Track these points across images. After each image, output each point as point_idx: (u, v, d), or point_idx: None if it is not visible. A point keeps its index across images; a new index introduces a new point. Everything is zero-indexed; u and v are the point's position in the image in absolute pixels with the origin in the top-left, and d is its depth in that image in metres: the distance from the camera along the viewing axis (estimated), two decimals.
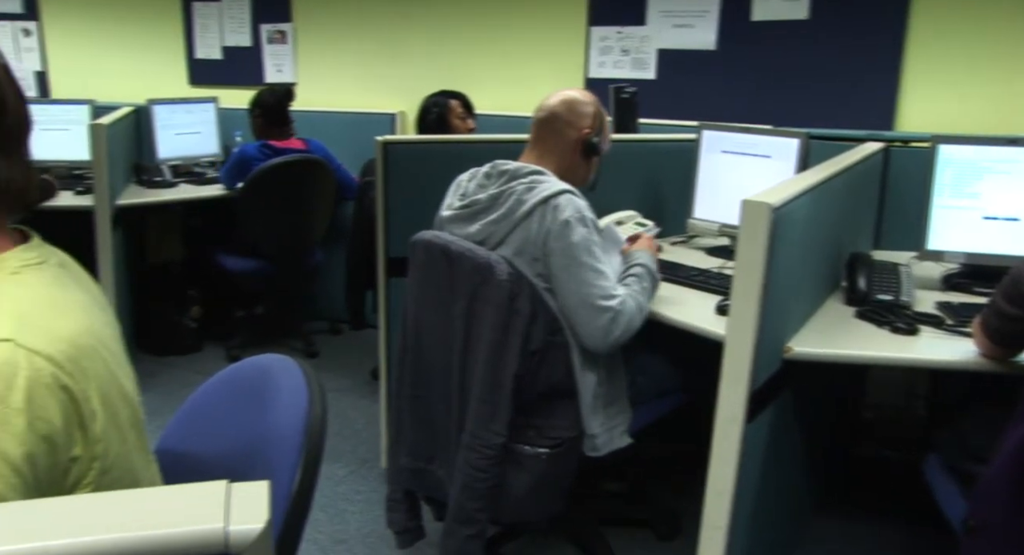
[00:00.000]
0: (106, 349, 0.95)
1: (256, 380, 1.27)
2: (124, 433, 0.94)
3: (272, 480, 0.63)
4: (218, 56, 4.99)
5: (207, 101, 4.49)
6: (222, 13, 4.92)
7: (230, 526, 0.53)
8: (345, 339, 4.28)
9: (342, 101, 4.54)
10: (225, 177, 3.84)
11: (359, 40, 4.55)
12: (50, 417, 0.83)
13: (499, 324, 1.88)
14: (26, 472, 0.80)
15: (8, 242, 0.96)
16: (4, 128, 0.93)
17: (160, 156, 4.28)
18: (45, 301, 0.91)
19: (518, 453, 1.97)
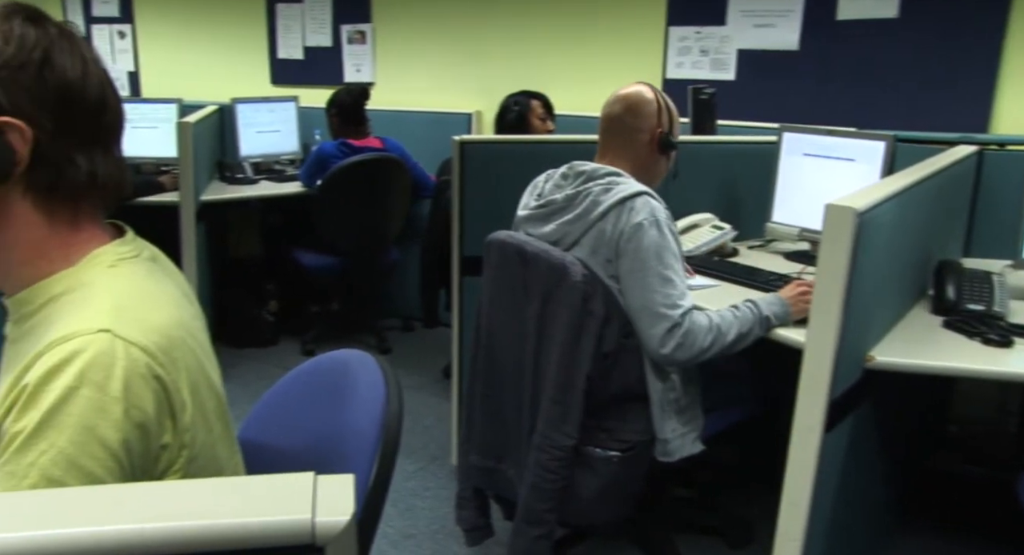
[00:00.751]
0: (195, 340, 0.97)
1: (335, 375, 1.29)
2: (210, 423, 0.97)
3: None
4: (299, 56, 5.10)
5: (288, 100, 4.60)
6: (304, 14, 5.02)
7: (317, 517, 0.54)
8: (417, 336, 4.32)
9: (419, 101, 4.59)
10: (304, 175, 3.92)
11: (437, 40, 4.59)
12: (144, 406, 0.85)
13: (572, 325, 1.87)
14: (122, 457, 0.83)
15: (105, 236, 1.00)
16: (104, 126, 0.97)
17: (242, 153, 4.39)
18: (140, 294, 0.94)
19: (588, 455, 1.96)
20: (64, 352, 0.83)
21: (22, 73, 0.88)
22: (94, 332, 0.84)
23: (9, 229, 0.93)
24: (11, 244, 0.93)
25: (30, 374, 0.83)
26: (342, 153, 3.77)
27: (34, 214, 0.93)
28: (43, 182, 0.92)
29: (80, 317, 0.87)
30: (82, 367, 0.82)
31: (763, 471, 2.33)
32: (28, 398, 0.82)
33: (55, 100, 0.90)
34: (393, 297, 4.48)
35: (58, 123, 0.90)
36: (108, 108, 0.96)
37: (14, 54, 0.87)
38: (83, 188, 0.94)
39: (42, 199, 0.93)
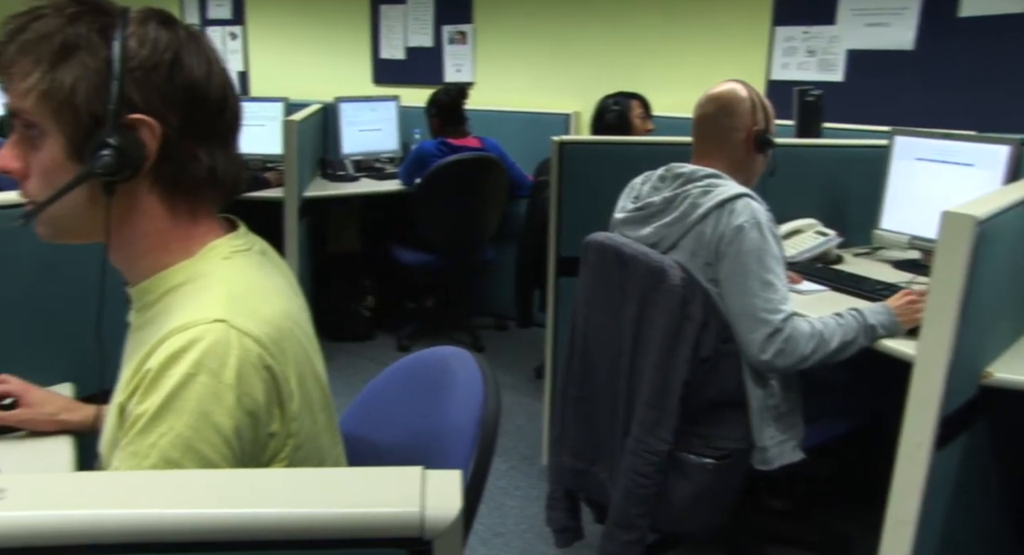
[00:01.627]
0: (302, 332, 1.00)
1: (434, 371, 1.30)
2: (315, 413, 0.99)
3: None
4: (401, 56, 5.19)
5: (389, 99, 4.68)
6: (407, 15, 5.11)
7: (426, 511, 0.54)
8: (511, 336, 4.34)
9: (518, 101, 4.61)
10: (403, 173, 3.99)
11: (537, 40, 4.60)
12: (255, 394, 0.88)
13: (670, 329, 1.84)
14: (234, 443, 0.86)
15: (220, 230, 1.04)
16: (225, 124, 1.01)
17: (344, 151, 4.50)
18: (252, 285, 0.97)
19: (683, 461, 1.93)
20: (183, 340, 0.86)
21: (154, 73, 0.92)
22: (211, 322, 0.87)
23: (136, 221, 0.97)
24: (137, 235, 0.98)
25: (152, 360, 0.87)
26: (441, 152, 3.82)
27: (158, 207, 0.97)
28: (168, 176, 0.96)
29: (198, 307, 0.91)
30: (199, 355, 0.85)
31: (863, 486, 2.24)
32: (150, 383, 0.86)
33: (182, 99, 0.94)
34: (487, 296, 4.51)
35: (184, 121, 0.94)
36: (229, 107, 1.00)
37: (148, 56, 0.92)
38: (203, 183, 0.98)
39: (166, 193, 0.97)
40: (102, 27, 0.91)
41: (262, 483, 0.56)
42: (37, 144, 0.93)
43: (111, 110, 0.90)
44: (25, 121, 0.93)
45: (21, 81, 0.90)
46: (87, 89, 0.90)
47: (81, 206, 0.95)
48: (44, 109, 0.91)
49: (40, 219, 0.96)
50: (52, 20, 0.90)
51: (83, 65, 0.90)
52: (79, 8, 0.92)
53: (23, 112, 0.92)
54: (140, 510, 0.48)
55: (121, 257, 1.00)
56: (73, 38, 0.90)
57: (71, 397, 1.49)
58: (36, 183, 0.95)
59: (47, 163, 0.93)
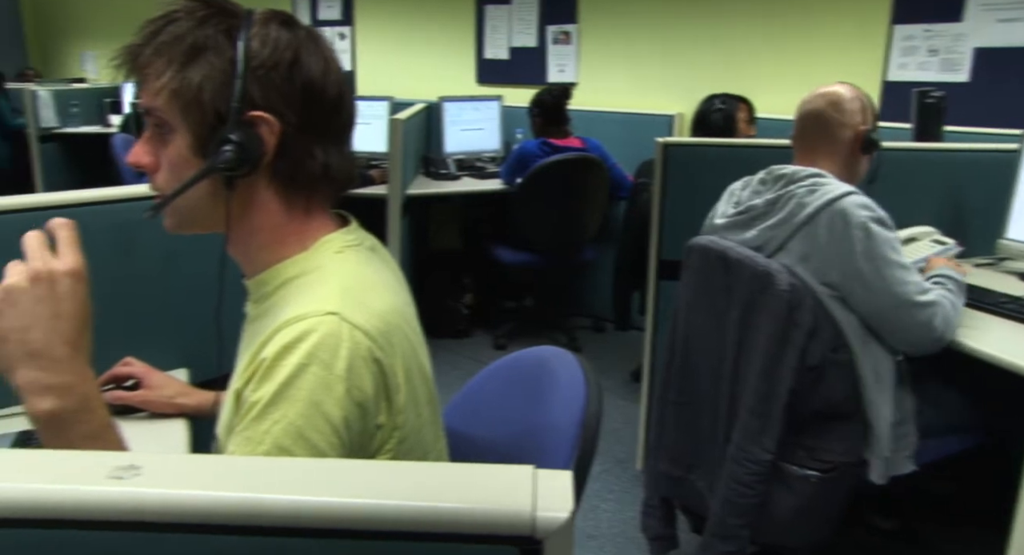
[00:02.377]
0: (409, 327, 1.02)
1: (536, 371, 1.30)
2: (420, 407, 1.00)
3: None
4: (505, 56, 5.22)
5: (492, 99, 4.72)
6: (511, 15, 5.13)
7: (537, 511, 0.54)
8: (608, 338, 4.31)
9: (620, 101, 4.57)
10: (505, 172, 4.01)
11: (641, 41, 4.55)
12: (364, 386, 0.90)
13: (776, 336, 1.79)
14: (343, 433, 0.88)
15: (332, 225, 1.06)
16: (339, 122, 1.03)
17: (447, 150, 4.56)
18: (363, 279, 0.99)
19: (786, 473, 1.87)
20: (296, 331, 0.88)
21: (274, 72, 0.95)
22: (323, 314, 0.89)
23: (254, 215, 1.00)
24: (255, 229, 1.01)
25: (267, 349, 0.89)
26: (543, 152, 3.82)
27: (275, 202, 1.01)
28: (285, 172, 0.99)
29: (311, 299, 0.93)
30: (312, 346, 0.87)
31: (980, 510, 2.13)
32: (265, 371, 0.88)
33: (300, 97, 0.97)
34: (586, 297, 4.49)
35: (301, 118, 0.97)
36: (344, 106, 1.03)
37: (269, 56, 0.95)
38: (318, 179, 1.01)
39: (282, 188, 1.00)
40: (228, 29, 0.95)
41: (379, 474, 0.57)
42: (166, 140, 0.97)
43: (233, 107, 0.93)
44: (157, 118, 0.97)
45: (155, 80, 0.95)
46: (213, 87, 0.94)
47: (204, 199, 0.99)
48: (174, 106, 0.95)
49: (167, 211, 1.01)
50: (184, 23, 0.94)
51: (210, 65, 0.94)
52: (208, 11, 0.96)
53: (155, 110, 0.96)
54: (267, 495, 0.49)
55: (239, 250, 1.04)
56: (202, 39, 0.94)
57: (186, 382, 1.56)
58: (164, 177, 0.99)
59: (174, 158, 0.97)
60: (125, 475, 0.48)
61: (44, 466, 0.50)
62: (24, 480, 0.48)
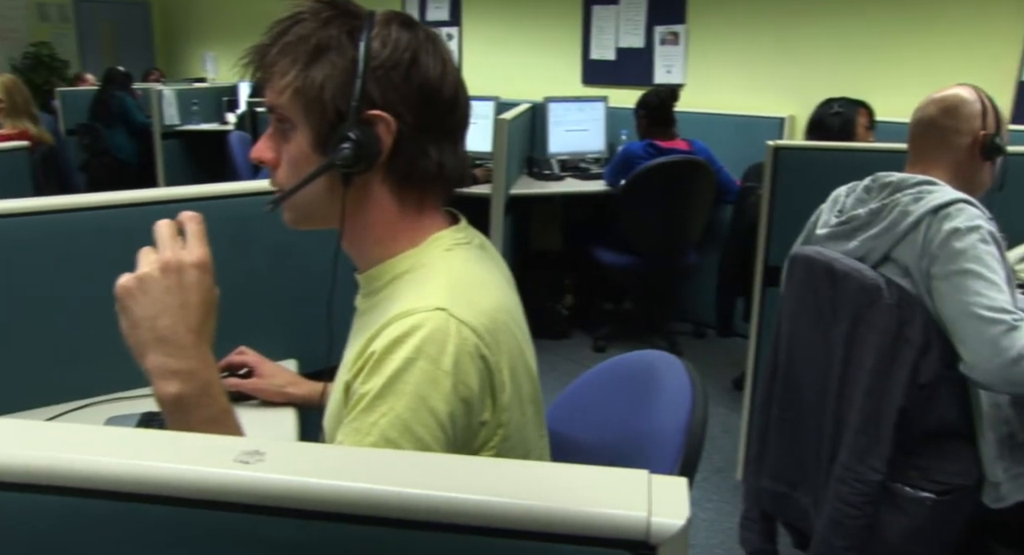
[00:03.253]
0: (516, 326, 1.02)
1: (641, 374, 1.29)
2: (524, 406, 1.00)
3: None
4: (611, 57, 5.18)
5: (598, 100, 4.70)
6: (619, 15, 5.09)
7: (652, 516, 0.52)
8: (709, 344, 4.23)
9: (729, 103, 4.48)
10: (609, 174, 3.98)
11: (752, 41, 4.45)
12: (470, 382, 0.90)
13: (884, 352, 1.71)
14: (448, 428, 0.89)
15: (443, 222, 1.07)
16: (453, 122, 1.04)
17: (551, 150, 4.56)
18: (471, 277, 1.00)
19: (897, 494, 1.79)
20: (405, 326, 0.90)
21: (393, 72, 0.97)
22: (432, 309, 0.91)
23: (368, 211, 1.02)
24: (369, 224, 1.03)
25: (376, 343, 0.91)
26: (648, 154, 3.78)
27: (389, 199, 1.02)
28: (400, 170, 1.01)
29: (420, 294, 0.94)
30: (420, 341, 0.89)
31: None
32: (374, 364, 0.90)
33: (417, 97, 0.98)
34: (687, 301, 4.42)
35: (417, 117, 0.99)
36: (459, 106, 1.04)
37: (389, 56, 0.97)
38: (432, 178, 1.02)
39: (397, 186, 1.02)
40: (351, 30, 0.97)
41: (493, 471, 0.57)
42: (288, 137, 1.01)
43: (353, 106, 0.95)
44: (280, 116, 1.00)
45: (280, 79, 0.98)
46: (334, 86, 0.96)
47: (321, 195, 1.01)
48: (296, 104, 0.98)
49: (286, 205, 1.04)
50: (309, 24, 0.97)
51: (332, 64, 0.96)
52: (332, 12, 0.98)
53: (278, 107, 1.00)
54: (386, 487, 0.50)
55: (353, 244, 1.06)
56: (326, 40, 0.97)
57: (295, 372, 1.60)
58: (285, 172, 1.02)
59: (295, 154, 1.00)
60: (251, 460, 0.49)
61: (174, 447, 0.52)
62: (156, 459, 0.50)
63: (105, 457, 0.51)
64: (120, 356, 1.58)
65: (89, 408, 1.54)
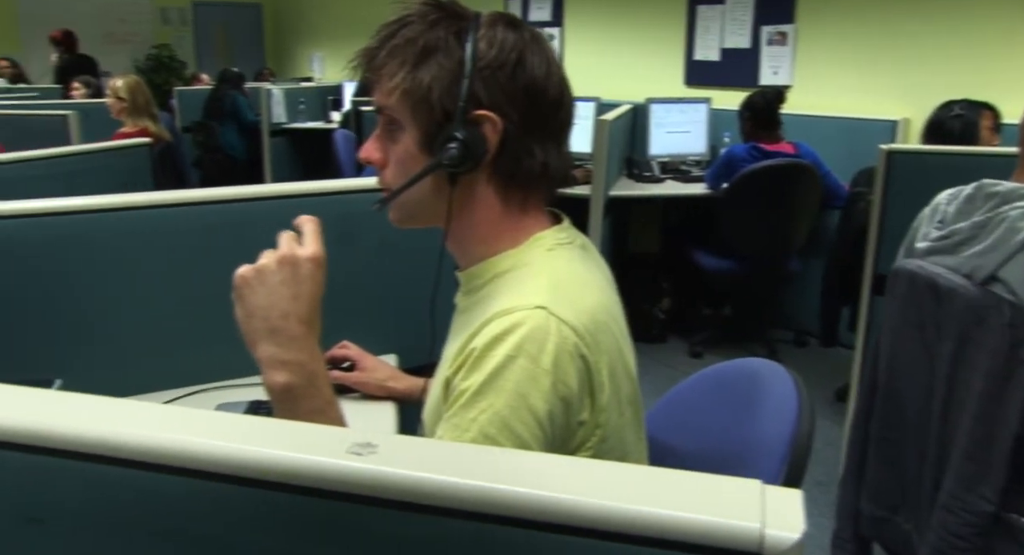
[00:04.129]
0: (617, 327, 1.01)
1: (745, 383, 1.26)
2: (623, 407, 0.99)
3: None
4: (715, 57, 5.09)
5: (700, 101, 4.62)
6: (724, 15, 5.00)
7: (766, 528, 0.51)
8: (810, 353, 4.10)
9: (838, 105, 4.33)
10: (711, 177, 3.92)
11: (865, 40, 4.29)
12: (569, 382, 0.90)
13: (996, 374, 1.60)
14: (547, 427, 0.89)
15: (546, 222, 1.08)
16: (558, 122, 1.05)
17: (651, 152, 4.51)
18: (573, 277, 1.00)
19: (1013, 526, 1.68)
20: (506, 323, 0.91)
21: (500, 73, 0.98)
22: (532, 308, 0.91)
23: (474, 210, 1.04)
24: (474, 223, 1.04)
25: (477, 340, 0.92)
26: (752, 157, 3.70)
27: (493, 198, 1.03)
28: (505, 169, 1.02)
29: (521, 293, 0.95)
30: (520, 339, 0.89)
31: None
32: (474, 361, 0.91)
33: (523, 97, 0.99)
34: (789, 309, 4.30)
35: (523, 117, 0.99)
36: (564, 106, 1.04)
37: (495, 56, 0.98)
38: (536, 177, 1.03)
39: (501, 185, 1.03)
40: (457, 31, 0.99)
41: (603, 473, 0.56)
42: (396, 137, 1.03)
43: (460, 107, 0.96)
44: (388, 117, 1.03)
45: (388, 81, 1.00)
46: (441, 87, 0.97)
47: (428, 194, 1.03)
48: (404, 105, 0.99)
49: (393, 204, 1.06)
50: (416, 26, 0.99)
51: (439, 65, 0.97)
52: (439, 15, 1.00)
53: (387, 109, 1.02)
54: (495, 485, 0.50)
55: (456, 243, 1.07)
56: (433, 41, 0.98)
57: (396, 367, 1.63)
58: (392, 172, 1.04)
59: (402, 154, 1.02)
60: (363, 451, 0.50)
61: (291, 436, 0.53)
62: (273, 447, 0.52)
63: (226, 442, 0.52)
64: (229, 344, 1.64)
65: (200, 394, 1.60)
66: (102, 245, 1.55)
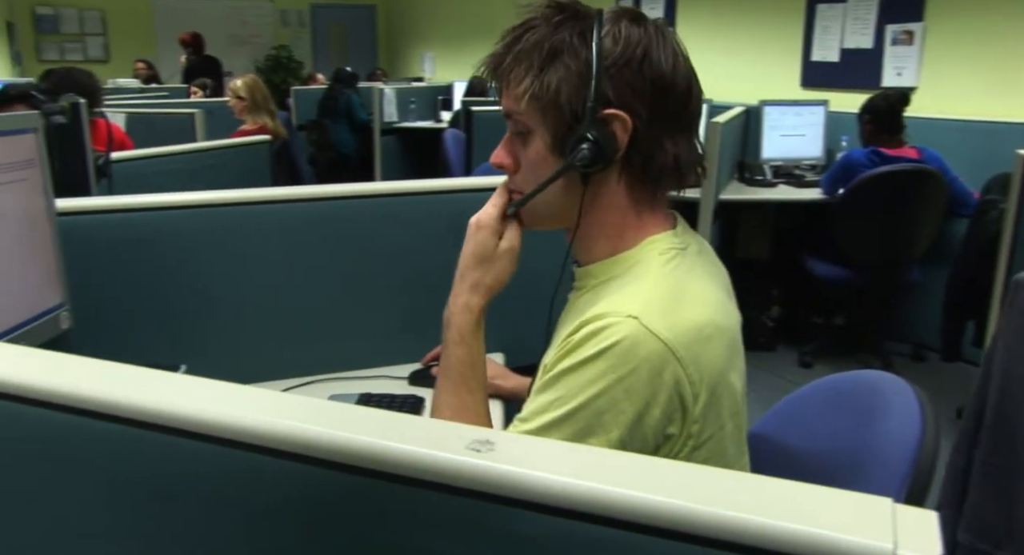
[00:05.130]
0: (723, 338, 0.97)
1: (864, 396, 1.21)
2: (723, 420, 0.96)
3: None
4: (834, 58, 4.92)
5: (817, 104, 4.47)
6: (846, 14, 4.82)
7: (899, 550, 0.49)
8: (929, 368, 3.91)
9: (968, 108, 4.10)
10: (827, 182, 3.79)
11: (999, 38, 4.05)
12: (647, 392, 0.89)
13: None
14: (625, 436, 0.89)
15: (666, 223, 1.06)
16: (688, 115, 1.03)
17: (763, 156, 4.40)
18: (677, 287, 0.97)
19: None
20: (596, 327, 0.91)
21: (626, 69, 0.97)
22: (624, 316, 0.90)
23: (602, 208, 1.03)
24: (599, 222, 1.04)
25: (571, 337, 0.93)
26: (871, 162, 3.55)
27: (623, 195, 1.03)
28: (636, 166, 1.01)
29: (621, 298, 0.94)
30: (604, 344, 0.89)
31: None
32: (567, 350, 0.92)
33: (650, 92, 0.98)
34: (907, 320, 4.11)
35: (652, 112, 0.98)
36: (692, 98, 1.03)
37: (620, 53, 0.97)
38: (667, 172, 1.02)
39: (631, 182, 1.02)
40: (581, 31, 0.98)
41: (728, 483, 0.55)
42: (526, 141, 1.03)
43: (589, 107, 0.96)
44: (516, 122, 1.03)
45: (516, 86, 1.01)
46: (569, 89, 0.97)
47: (558, 196, 1.03)
48: (533, 109, 1.00)
49: (522, 207, 1.07)
50: (541, 29, 0.99)
51: (566, 67, 0.97)
52: (563, 16, 0.99)
53: (515, 114, 1.02)
54: (614, 488, 0.49)
55: (579, 241, 1.07)
56: (558, 44, 0.98)
57: (503, 366, 1.64)
58: (523, 176, 1.06)
59: (534, 158, 1.03)
60: (482, 448, 0.50)
61: (411, 429, 0.54)
62: (393, 440, 0.52)
63: (347, 432, 0.53)
64: (341, 338, 1.70)
65: (314, 384, 1.65)
66: (226, 238, 1.62)
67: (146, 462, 0.61)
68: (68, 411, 0.60)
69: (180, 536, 0.61)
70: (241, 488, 0.58)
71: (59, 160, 1.71)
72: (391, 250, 1.72)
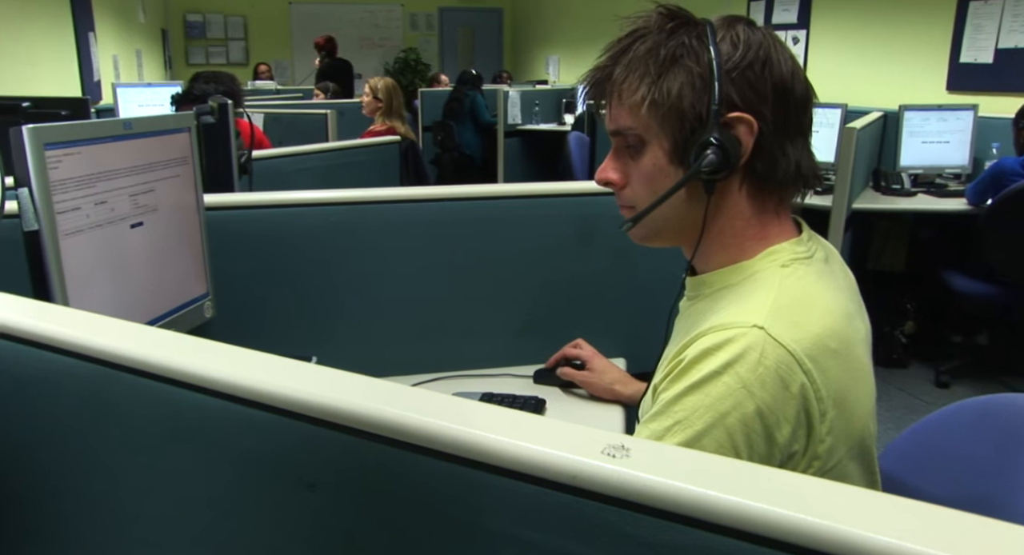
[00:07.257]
0: (849, 352, 0.92)
1: (1016, 420, 1.13)
2: (850, 440, 0.92)
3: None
4: (987, 60, 4.65)
5: (965, 109, 4.23)
6: (1003, 11, 4.54)
7: None
8: None
9: None
10: (973, 192, 3.58)
11: None
12: (777, 408, 0.85)
13: None
14: (742, 450, 0.85)
15: (789, 232, 1.02)
16: (807, 120, 1.00)
17: (902, 163, 4.20)
18: (803, 297, 0.93)
19: None
20: (718, 338, 0.87)
21: (749, 72, 0.94)
22: (749, 326, 0.87)
23: (723, 216, 0.99)
24: (721, 229, 1.00)
25: (688, 351, 0.90)
26: None
27: (745, 203, 0.99)
28: (760, 172, 0.97)
29: (741, 309, 0.90)
30: (730, 357, 0.85)
31: None
32: (680, 372, 0.89)
33: (773, 96, 0.95)
34: None
35: (775, 116, 0.95)
36: (809, 104, 1.00)
37: (742, 56, 0.94)
38: (790, 178, 0.98)
39: (755, 189, 0.98)
40: (698, 35, 0.96)
41: (859, 502, 0.53)
42: (638, 154, 0.99)
43: (714, 110, 0.93)
44: (628, 135, 0.99)
45: (631, 95, 0.97)
46: (691, 94, 0.94)
47: (678, 207, 0.99)
48: (652, 117, 0.96)
49: (640, 222, 1.02)
50: (654, 36, 0.97)
51: (687, 71, 0.94)
52: (675, 23, 0.97)
53: (626, 128, 0.99)
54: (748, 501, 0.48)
55: (700, 249, 1.04)
56: (676, 48, 0.95)
57: (624, 370, 1.62)
58: (637, 190, 1.01)
59: (650, 169, 0.98)
60: (617, 454, 0.50)
61: (548, 431, 0.54)
62: (529, 440, 0.53)
63: (486, 432, 0.54)
64: (466, 337, 1.73)
65: (440, 381, 1.68)
66: (359, 235, 1.67)
67: (295, 452, 0.63)
68: (211, 394, 0.64)
69: (322, 527, 0.63)
70: (379, 481, 0.60)
71: (207, 157, 1.80)
72: (515, 251, 1.73)
